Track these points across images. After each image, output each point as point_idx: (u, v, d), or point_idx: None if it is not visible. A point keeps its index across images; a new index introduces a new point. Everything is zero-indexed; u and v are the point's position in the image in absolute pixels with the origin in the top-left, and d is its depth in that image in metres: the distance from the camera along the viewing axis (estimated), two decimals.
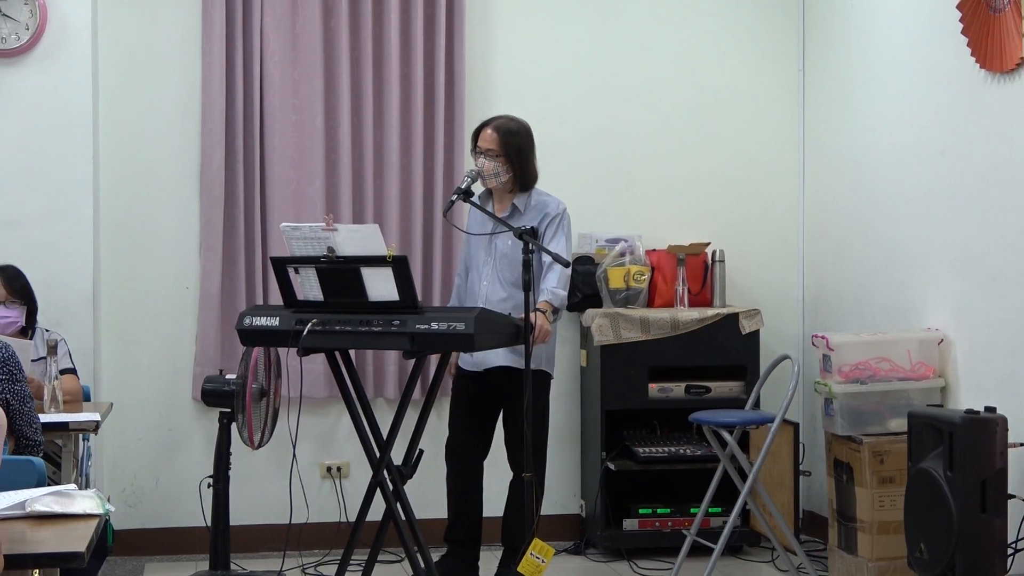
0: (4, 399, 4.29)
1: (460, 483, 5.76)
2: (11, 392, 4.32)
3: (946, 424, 4.67)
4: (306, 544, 6.34)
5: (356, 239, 4.95)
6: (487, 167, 5.52)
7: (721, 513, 6.27)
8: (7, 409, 4.30)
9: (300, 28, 6.53)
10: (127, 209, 6.48)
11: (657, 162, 6.94)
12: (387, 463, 5.08)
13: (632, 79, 6.92)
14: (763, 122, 7.03)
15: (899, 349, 5.61)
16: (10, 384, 4.31)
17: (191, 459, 6.50)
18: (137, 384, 6.50)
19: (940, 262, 5.66)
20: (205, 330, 6.45)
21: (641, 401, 6.45)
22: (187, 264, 6.53)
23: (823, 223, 6.85)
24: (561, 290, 5.48)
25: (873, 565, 5.49)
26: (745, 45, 7.02)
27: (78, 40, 6.20)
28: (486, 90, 6.75)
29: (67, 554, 2.97)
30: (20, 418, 4.36)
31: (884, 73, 6.21)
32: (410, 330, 4.81)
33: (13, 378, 4.33)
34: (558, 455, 6.65)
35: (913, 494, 4.87)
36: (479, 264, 5.66)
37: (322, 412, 6.61)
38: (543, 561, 4.93)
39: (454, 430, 5.77)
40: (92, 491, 3.38)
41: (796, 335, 6.97)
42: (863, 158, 6.40)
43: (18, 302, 5.59)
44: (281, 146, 6.50)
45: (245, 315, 5.06)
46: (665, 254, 6.64)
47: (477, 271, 5.67)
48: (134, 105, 6.49)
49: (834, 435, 5.69)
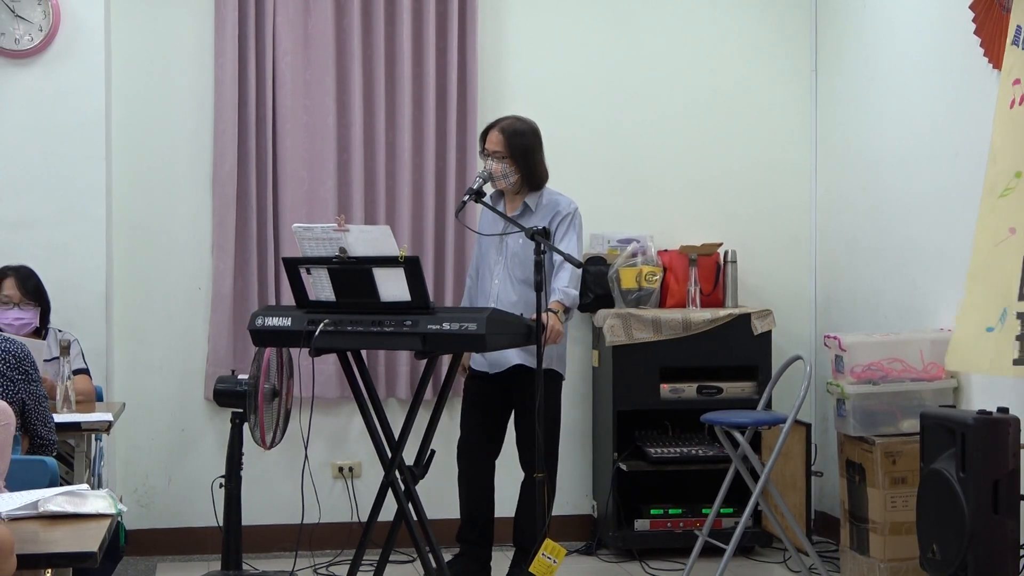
0: (20, 399, 4.30)
1: (472, 483, 5.77)
2: (27, 392, 4.33)
3: (958, 425, 4.66)
4: (318, 544, 6.35)
5: (368, 240, 4.96)
6: (495, 168, 5.53)
7: (733, 514, 6.27)
8: (23, 409, 4.32)
9: (312, 28, 6.54)
10: (140, 210, 6.49)
11: (669, 162, 6.93)
12: (399, 463, 5.08)
13: (644, 80, 6.92)
14: (775, 122, 7.02)
15: (911, 350, 5.60)
16: (26, 384, 4.33)
17: (203, 459, 6.51)
18: (149, 384, 6.51)
19: (953, 262, 5.64)
20: (217, 330, 6.46)
21: (653, 401, 6.44)
22: (199, 264, 6.54)
23: (835, 224, 6.84)
24: (573, 289, 5.48)
25: (885, 566, 5.49)
26: (757, 45, 7.02)
27: (91, 41, 6.21)
28: (498, 90, 6.75)
29: (80, 554, 2.98)
30: (35, 418, 4.37)
31: (897, 73, 6.20)
32: (422, 330, 4.82)
33: (29, 378, 4.34)
34: (570, 455, 6.65)
35: (925, 495, 4.86)
36: (490, 264, 5.66)
37: (334, 412, 6.61)
38: (555, 562, 4.93)
39: (466, 430, 5.77)
40: (104, 491, 3.39)
41: (808, 335, 6.97)
42: (875, 158, 6.40)
43: (32, 303, 5.61)
44: (293, 146, 6.51)
45: (257, 315, 5.07)
46: (677, 254, 6.63)
47: (489, 271, 5.66)
48: (147, 106, 6.50)
49: (846, 436, 5.69)
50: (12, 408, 4.21)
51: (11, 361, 4.28)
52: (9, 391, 4.25)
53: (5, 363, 4.26)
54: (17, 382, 4.29)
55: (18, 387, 4.29)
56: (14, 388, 4.27)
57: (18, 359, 4.30)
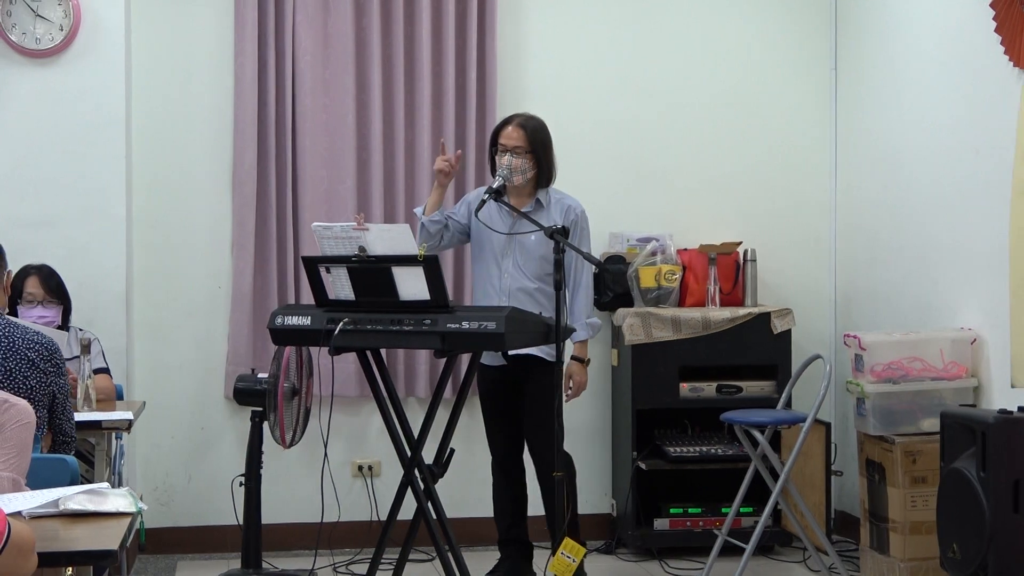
0: (51, 391, 4.30)
1: (504, 494, 5.75)
2: (57, 386, 4.33)
3: (979, 424, 4.64)
4: (337, 543, 6.35)
5: (387, 238, 4.96)
6: (515, 164, 5.51)
7: (752, 513, 6.25)
8: (52, 402, 4.32)
9: (332, 27, 6.55)
10: (160, 208, 6.51)
11: (689, 161, 6.92)
12: (418, 462, 5.09)
13: (664, 78, 6.91)
14: (795, 121, 7.01)
15: (932, 349, 5.58)
16: (56, 377, 4.33)
17: (223, 458, 6.53)
18: (169, 383, 6.52)
19: (973, 261, 5.63)
20: (237, 329, 6.47)
21: (672, 400, 6.44)
22: (219, 263, 6.56)
23: (855, 222, 6.82)
24: (595, 319, 5.58)
25: (905, 565, 5.47)
26: (777, 44, 7.00)
27: (111, 40, 6.23)
28: (517, 88, 6.75)
29: (100, 552, 2.99)
30: (62, 413, 4.38)
31: (917, 71, 6.18)
32: (441, 329, 4.82)
33: (59, 371, 4.35)
34: (589, 454, 6.66)
35: (945, 494, 4.85)
36: (497, 257, 5.60)
37: (353, 411, 6.62)
38: (574, 560, 4.93)
39: (493, 444, 5.75)
40: (125, 489, 3.39)
41: (828, 334, 6.95)
42: (896, 156, 6.38)
43: (55, 301, 5.64)
44: (313, 145, 6.52)
45: (277, 314, 5.08)
46: (696, 253, 6.63)
47: (496, 264, 5.61)
48: (167, 105, 6.52)
49: (866, 435, 5.68)
50: (42, 400, 4.23)
51: (44, 353, 4.27)
52: (42, 383, 4.25)
53: (39, 355, 4.25)
54: (49, 374, 4.29)
55: (50, 379, 4.29)
56: (46, 380, 4.27)
57: (50, 351, 4.30)
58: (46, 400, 4.27)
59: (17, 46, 6.13)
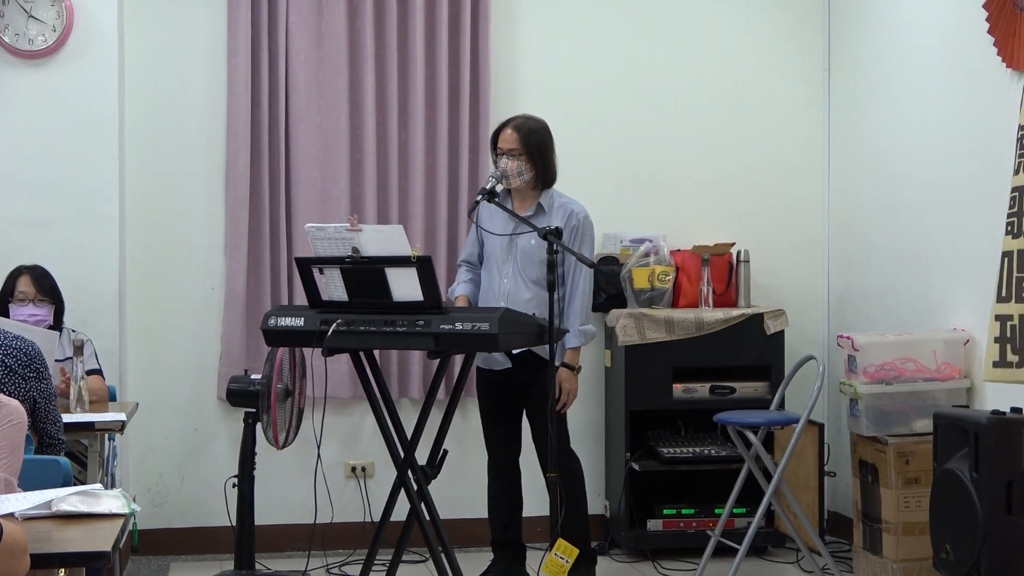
0: (32, 397, 4.30)
1: (503, 493, 5.75)
2: (38, 391, 4.33)
3: (972, 425, 4.65)
4: (331, 544, 6.35)
5: (381, 239, 4.96)
6: (510, 167, 5.51)
7: (746, 514, 6.26)
8: (34, 407, 4.31)
9: (325, 28, 6.55)
10: (153, 209, 6.51)
11: (682, 162, 6.93)
12: (411, 463, 5.08)
13: (657, 79, 6.91)
14: (789, 122, 7.01)
15: (925, 349, 5.59)
16: (37, 383, 4.33)
17: (216, 459, 6.52)
18: (163, 384, 6.52)
19: (966, 262, 5.63)
20: (230, 330, 6.47)
21: (666, 401, 6.44)
22: (212, 264, 6.55)
23: (848, 223, 6.83)
24: (589, 326, 5.54)
25: (898, 566, 5.48)
26: (771, 45, 7.01)
27: (104, 41, 6.22)
28: (511, 90, 6.75)
29: (93, 554, 2.99)
30: (45, 417, 4.37)
31: (910, 71, 6.19)
32: (434, 330, 4.82)
33: (40, 376, 4.34)
34: (582, 455, 6.61)
35: (938, 495, 4.85)
36: (498, 262, 5.62)
37: (347, 412, 6.62)
38: (567, 561, 4.93)
39: (489, 444, 5.75)
40: (118, 491, 3.39)
41: (821, 335, 6.96)
42: (889, 158, 6.38)
43: (47, 300, 5.64)
44: (306, 146, 6.52)
45: (270, 315, 5.07)
46: (690, 254, 6.63)
47: (498, 269, 5.62)
48: (160, 106, 6.51)
49: (859, 436, 5.68)
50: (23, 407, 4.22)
51: (22, 359, 4.27)
52: (21, 388, 4.25)
53: (17, 360, 4.25)
54: (29, 380, 4.29)
55: (30, 385, 4.29)
56: (26, 386, 4.27)
57: (29, 357, 4.30)
58: (27, 406, 4.25)
59: (10, 47, 6.12)
